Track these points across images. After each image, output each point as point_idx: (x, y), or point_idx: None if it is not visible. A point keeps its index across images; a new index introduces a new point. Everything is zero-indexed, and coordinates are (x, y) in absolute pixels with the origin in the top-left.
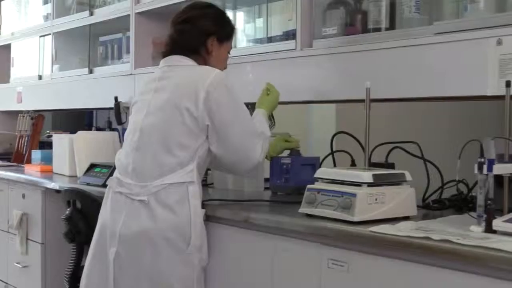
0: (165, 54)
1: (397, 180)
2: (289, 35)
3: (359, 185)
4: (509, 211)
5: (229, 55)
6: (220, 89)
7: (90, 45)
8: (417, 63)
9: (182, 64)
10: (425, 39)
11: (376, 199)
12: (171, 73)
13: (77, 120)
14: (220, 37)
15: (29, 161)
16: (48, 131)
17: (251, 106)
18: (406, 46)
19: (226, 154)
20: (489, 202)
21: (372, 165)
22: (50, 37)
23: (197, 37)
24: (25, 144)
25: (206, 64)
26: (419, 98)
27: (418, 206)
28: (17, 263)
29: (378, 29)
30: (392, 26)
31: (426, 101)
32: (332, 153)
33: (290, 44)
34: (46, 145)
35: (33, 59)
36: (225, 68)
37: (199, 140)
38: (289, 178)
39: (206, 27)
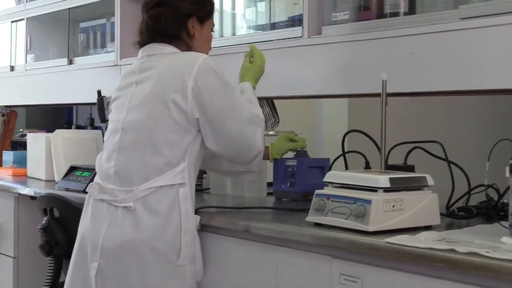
0: (143, 43)
1: (417, 185)
2: (295, 21)
3: (375, 191)
4: None
5: (215, 36)
6: (210, 76)
7: (69, 32)
8: (440, 52)
9: (163, 52)
10: (450, 25)
11: (393, 206)
12: (153, 63)
13: (55, 117)
14: (200, 17)
15: None
16: (21, 130)
17: None
18: (428, 33)
19: (225, 147)
20: None
21: (389, 167)
22: (23, 22)
23: (176, 21)
24: None
25: (189, 49)
26: (443, 92)
27: (441, 214)
28: None
29: (396, 14)
30: (412, 10)
31: (451, 95)
32: (343, 154)
33: (296, 31)
34: (19, 146)
35: (4, 48)
36: (210, 49)
37: (189, 136)
38: (295, 183)
39: (184, 7)
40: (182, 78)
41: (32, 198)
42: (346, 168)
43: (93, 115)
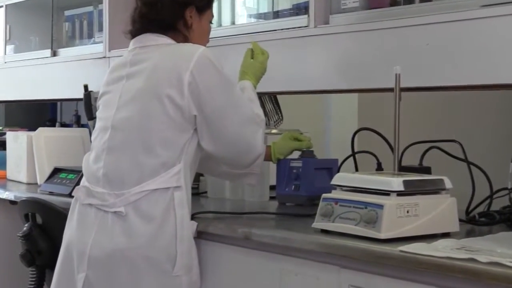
0: (135, 33)
1: (434, 188)
2: (301, 9)
3: (387, 194)
4: None
5: (212, 25)
6: (208, 70)
7: (53, 21)
8: (459, 43)
9: (158, 44)
10: (470, 13)
11: (408, 212)
12: (146, 55)
13: (37, 114)
14: (200, 6)
15: None
16: (0, 128)
17: None
18: (446, 22)
19: (221, 148)
20: None
21: (403, 169)
22: (2, 10)
23: (173, 10)
24: None
25: (186, 41)
26: (461, 86)
27: (460, 220)
28: None
29: (411, 1)
30: None
31: (470, 90)
32: (353, 154)
33: (301, 20)
34: None
35: None
36: (208, 42)
37: (186, 134)
38: (300, 186)
39: None
40: (178, 71)
41: (12, 202)
42: (356, 170)
43: (79, 112)
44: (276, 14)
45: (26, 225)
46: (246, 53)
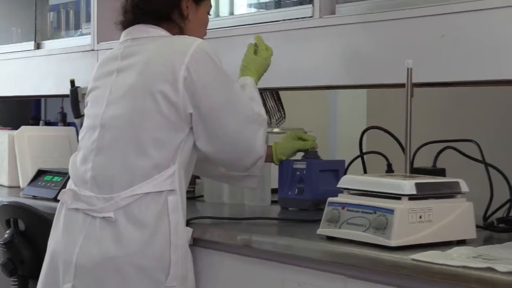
0: (126, 24)
1: (449, 192)
2: None
3: (398, 198)
4: None
5: (209, 16)
6: (205, 64)
7: (36, 10)
8: (477, 35)
9: (151, 35)
10: (489, 2)
11: (420, 217)
12: (138, 48)
13: (20, 111)
14: None
15: None
16: None
17: None
18: (463, 11)
19: (218, 149)
20: None
21: (415, 171)
22: None
23: None
24: None
25: (182, 33)
26: (479, 82)
27: (477, 226)
28: None
29: None
30: None
31: (488, 85)
32: (361, 155)
33: (305, 10)
34: None
35: None
36: (205, 35)
37: (181, 134)
38: (304, 189)
39: None
40: (173, 66)
41: None
42: (365, 172)
43: (65, 109)
44: (278, 4)
45: (7, 231)
46: (248, 48)
